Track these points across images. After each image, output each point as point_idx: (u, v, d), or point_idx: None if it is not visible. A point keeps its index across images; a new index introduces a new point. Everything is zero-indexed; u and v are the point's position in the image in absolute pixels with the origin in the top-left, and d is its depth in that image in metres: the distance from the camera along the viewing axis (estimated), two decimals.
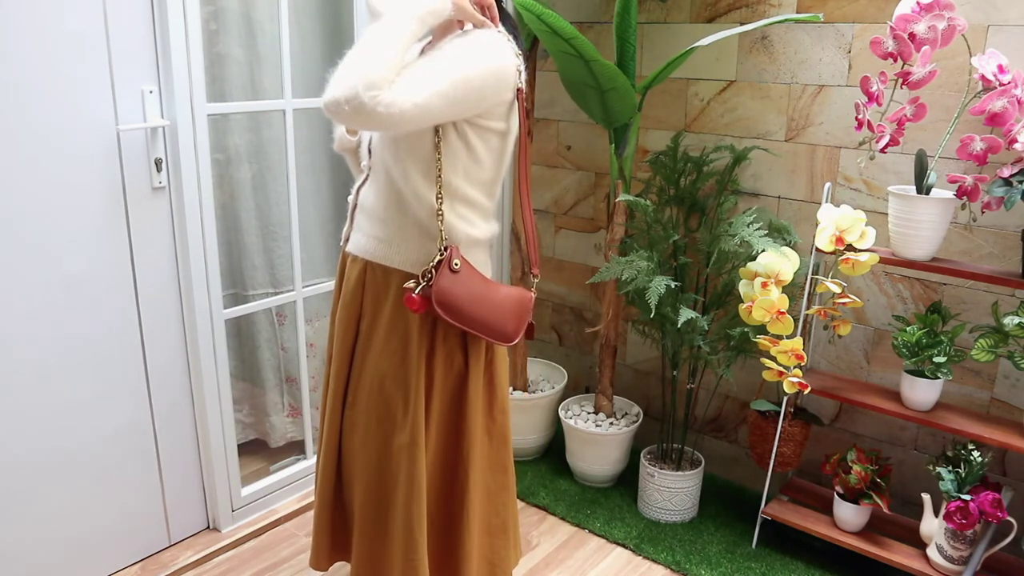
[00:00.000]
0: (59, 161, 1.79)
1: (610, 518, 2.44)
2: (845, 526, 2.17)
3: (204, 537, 2.26)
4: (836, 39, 2.19)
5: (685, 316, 2.11)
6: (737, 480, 2.65)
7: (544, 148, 2.89)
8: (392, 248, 1.52)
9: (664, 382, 2.62)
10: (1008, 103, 1.78)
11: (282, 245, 2.46)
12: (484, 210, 1.55)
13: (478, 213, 1.53)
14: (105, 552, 2.06)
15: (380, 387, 1.56)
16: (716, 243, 2.21)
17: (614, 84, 2.13)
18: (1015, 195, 1.79)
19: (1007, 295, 2.06)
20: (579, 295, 2.94)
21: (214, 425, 2.19)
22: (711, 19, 2.40)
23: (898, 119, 1.92)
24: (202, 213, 2.05)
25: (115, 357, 1.98)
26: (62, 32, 1.74)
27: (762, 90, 2.35)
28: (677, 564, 2.23)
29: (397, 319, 1.53)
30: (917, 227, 1.95)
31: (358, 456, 1.63)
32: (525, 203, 1.62)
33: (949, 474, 1.97)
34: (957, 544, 1.96)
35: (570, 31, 1.99)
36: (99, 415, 1.97)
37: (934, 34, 1.82)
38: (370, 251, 1.55)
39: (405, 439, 1.54)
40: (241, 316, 2.41)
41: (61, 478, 1.93)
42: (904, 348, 2.03)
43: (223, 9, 2.23)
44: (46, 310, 1.83)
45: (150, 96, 1.92)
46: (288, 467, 2.49)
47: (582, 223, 2.87)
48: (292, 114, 2.23)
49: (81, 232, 1.86)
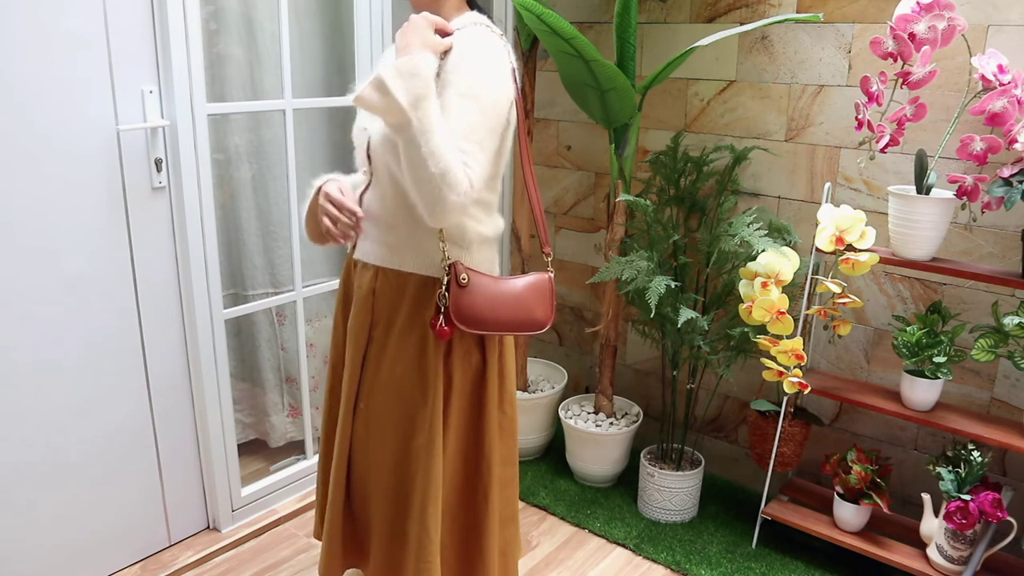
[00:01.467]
0: (59, 161, 1.79)
1: (610, 518, 2.44)
2: (845, 526, 2.17)
3: (204, 537, 2.26)
4: (836, 39, 2.19)
5: (685, 316, 2.11)
6: (737, 480, 2.65)
7: (544, 148, 2.89)
8: (406, 253, 1.52)
9: (664, 382, 2.62)
10: (1008, 103, 1.78)
11: (282, 245, 2.46)
12: (490, 205, 1.55)
13: (484, 209, 1.53)
14: (105, 552, 2.06)
15: (397, 390, 1.56)
16: (716, 243, 2.21)
17: (614, 84, 2.14)
18: (1015, 195, 1.79)
19: (1007, 295, 2.06)
20: (579, 295, 2.94)
21: (214, 425, 2.19)
22: (711, 19, 2.40)
23: (898, 119, 1.92)
24: (202, 213, 2.05)
25: (115, 357, 1.98)
26: (62, 32, 1.74)
27: (762, 90, 2.35)
28: (677, 564, 2.23)
29: (414, 322, 1.53)
30: (917, 227, 1.95)
31: (373, 460, 1.62)
32: (530, 183, 1.61)
33: (949, 474, 1.97)
34: (957, 544, 1.96)
35: (570, 31, 1.99)
36: (99, 415, 1.97)
37: (934, 34, 1.82)
38: (381, 257, 1.54)
39: (423, 440, 1.54)
40: (241, 316, 2.41)
41: (61, 478, 1.93)
42: (904, 348, 2.03)
43: (223, 9, 2.23)
44: (46, 310, 1.83)
45: (150, 96, 1.92)
46: (288, 467, 2.49)
47: (582, 223, 2.87)
48: (292, 114, 2.23)
49: (81, 232, 1.86)
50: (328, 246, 1.69)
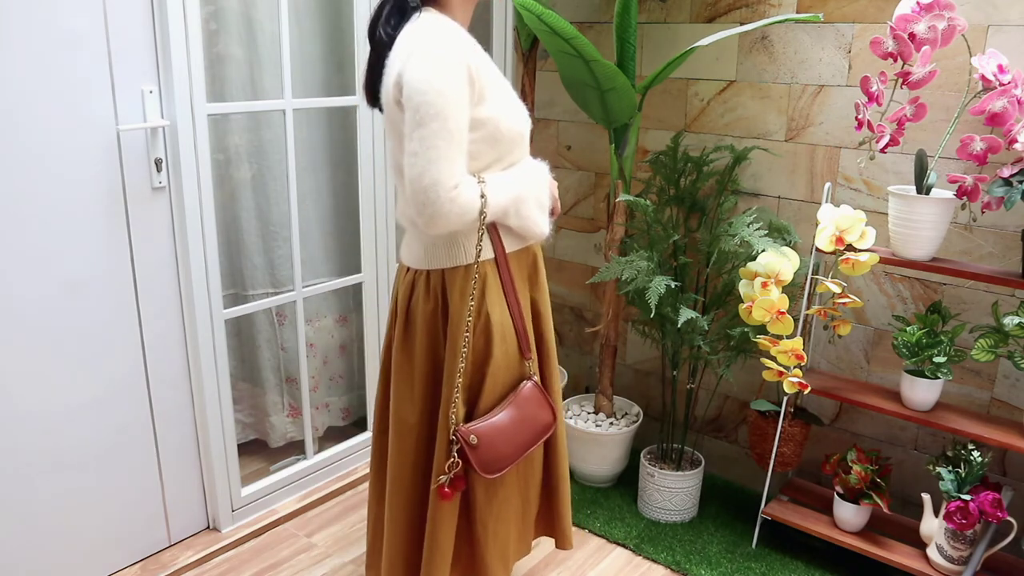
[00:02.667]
0: (59, 161, 1.79)
1: (610, 518, 2.44)
2: (845, 526, 2.17)
3: (204, 537, 2.26)
4: (836, 39, 2.19)
5: (685, 316, 2.11)
6: (737, 480, 2.65)
7: (544, 148, 2.89)
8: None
9: (664, 382, 2.62)
10: (1008, 103, 1.78)
11: (282, 245, 2.46)
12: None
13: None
14: (105, 552, 2.06)
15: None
16: (716, 243, 2.21)
17: (614, 84, 2.14)
18: (1015, 195, 1.79)
19: (1007, 295, 2.06)
20: (579, 295, 2.94)
21: (214, 425, 2.19)
22: (711, 19, 2.40)
23: (898, 119, 1.92)
24: (202, 213, 2.05)
25: (115, 357, 1.98)
26: (62, 32, 1.74)
27: (762, 90, 2.35)
28: (677, 564, 2.23)
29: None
30: (917, 227, 1.95)
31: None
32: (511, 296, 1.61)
33: (949, 474, 1.97)
34: (957, 544, 1.96)
35: (570, 31, 1.99)
36: (99, 415, 1.97)
37: (934, 34, 1.82)
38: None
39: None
40: (241, 316, 2.41)
41: (61, 478, 1.93)
42: (904, 348, 2.03)
43: (223, 9, 2.23)
44: (46, 310, 1.83)
45: (150, 96, 1.92)
46: (288, 467, 2.49)
47: (582, 223, 2.87)
48: (292, 114, 2.23)
49: (81, 232, 1.86)
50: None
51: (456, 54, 1.39)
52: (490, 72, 1.48)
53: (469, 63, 1.40)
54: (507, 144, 1.51)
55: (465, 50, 1.41)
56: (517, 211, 1.53)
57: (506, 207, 1.51)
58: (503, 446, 1.52)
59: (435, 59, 1.37)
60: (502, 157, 1.52)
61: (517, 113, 1.53)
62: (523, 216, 1.55)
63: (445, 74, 1.36)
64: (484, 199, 1.44)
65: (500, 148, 1.50)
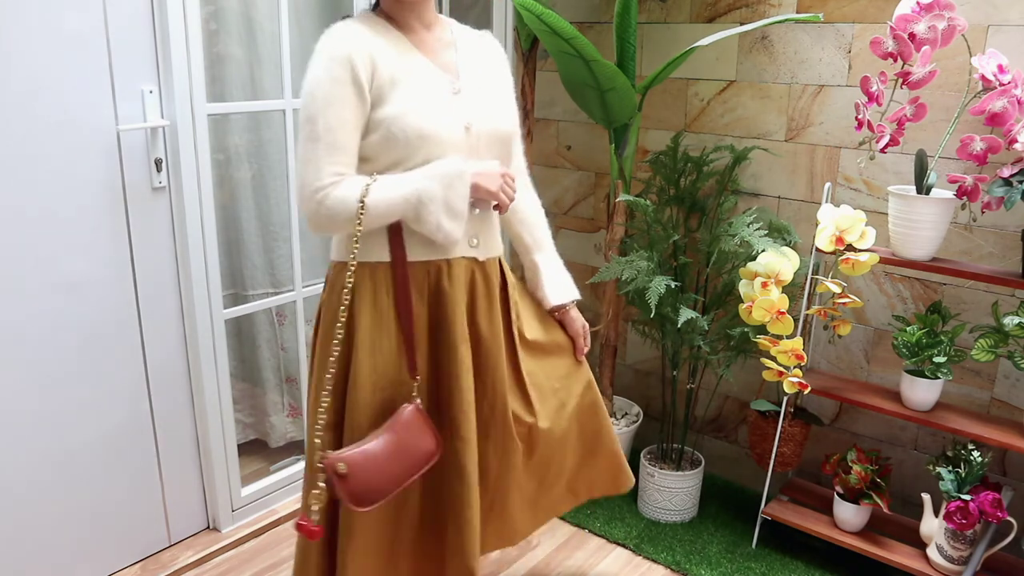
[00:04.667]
0: (59, 161, 1.79)
1: (610, 518, 2.44)
2: (845, 526, 2.17)
3: (204, 537, 2.26)
4: (836, 39, 2.19)
5: (685, 316, 2.11)
6: (737, 480, 2.65)
7: (544, 148, 2.89)
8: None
9: (664, 382, 2.62)
10: (1008, 103, 1.78)
11: (282, 245, 2.46)
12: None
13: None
14: (105, 552, 2.06)
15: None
16: (716, 243, 2.21)
17: (614, 84, 2.14)
18: (1015, 195, 1.79)
19: (1007, 295, 2.06)
20: (579, 295, 2.93)
21: (214, 425, 2.19)
22: (711, 19, 2.40)
23: (898, 119, 1.92)
24: (202, 213, 2.05)
25: (115, 357, 1.98)
26: (62, 32, 1.74)
27: (762, 90, 2.35)
28: (677, 564, 2.23)
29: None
30: (917, 227, 1.95)
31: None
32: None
33: (949, 474, 1.97)
34: (957, 544, 1.96)
35: (570, 31, 1.99)
36: (99, 415, 1.97)
37: (934, 34, 1.82)
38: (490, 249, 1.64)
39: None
40: (241, 316, 2.41)
41: (61, 478, 1.93)
42: (904, 348, 2.03)
43: (223, 9, 2.23)
44: (46, 310, 1.83)
45: (150, 96, 1.92)
46: (288, 467, 2.49)
47: (582, 223, 2.87)
48: (292, 114, 2.23)
49: (81, 232, 1.86)
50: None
51: (335, 55, 1.38)
52: (401, 71, 1.43)
53: (356, 63, 1.37)
54: (408, 146, 1.42)
55: (352, 50, 1.38)
56: (417, 215, 1.41)
57: (395, 210, 1.41)
58: (377, 477, 1.39)
59: (313, 64, 1.40)
60: (405, 159, 1.43)
61: (426, 114, 1.43)
62: (423, 220, 1.41)
63: (317, 77, 1.38)
64: (362, 202, 1.37)
65: (399, 150, 1.42)
